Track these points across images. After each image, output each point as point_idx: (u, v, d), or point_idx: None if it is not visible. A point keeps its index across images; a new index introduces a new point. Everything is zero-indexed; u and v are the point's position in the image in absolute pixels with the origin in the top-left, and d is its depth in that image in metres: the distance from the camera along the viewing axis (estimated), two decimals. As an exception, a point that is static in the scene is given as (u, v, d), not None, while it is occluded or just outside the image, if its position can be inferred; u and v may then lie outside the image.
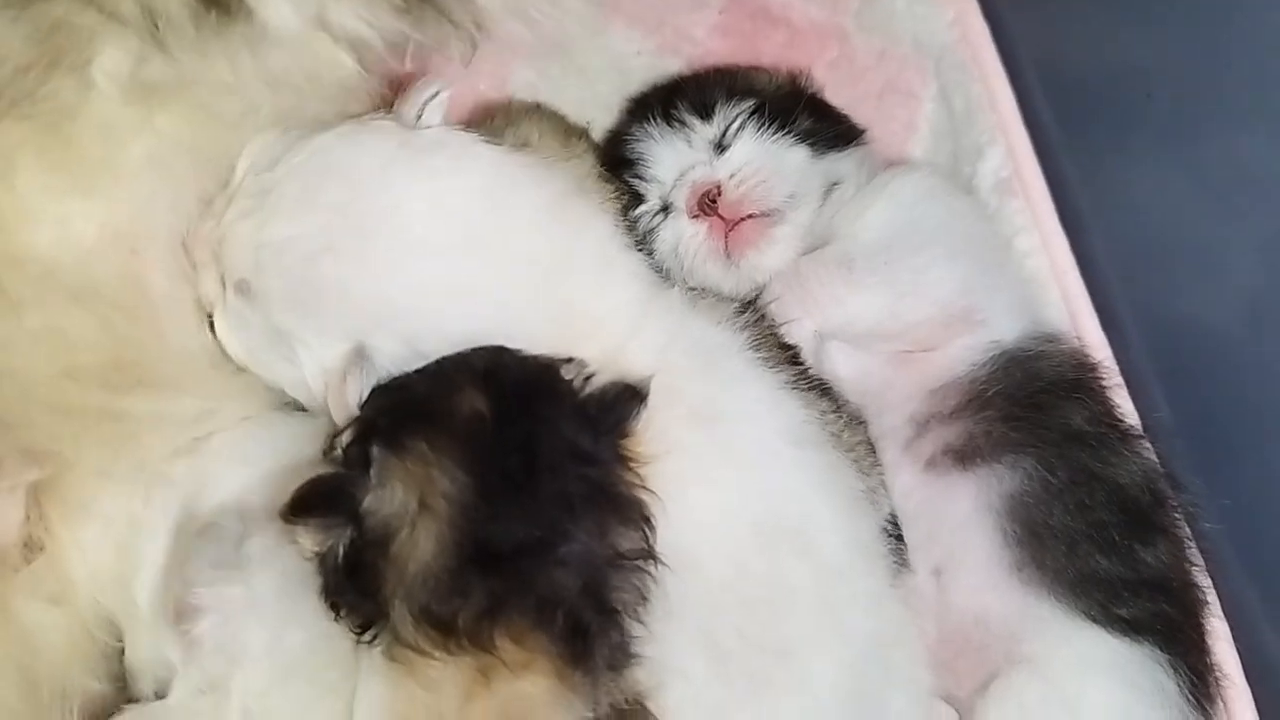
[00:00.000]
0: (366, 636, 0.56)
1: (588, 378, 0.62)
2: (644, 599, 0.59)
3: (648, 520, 0.60)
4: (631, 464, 0.61)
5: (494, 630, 0.53)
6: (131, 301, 0.64)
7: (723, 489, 0.63)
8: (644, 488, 0.60)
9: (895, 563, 0.70)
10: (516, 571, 0.55)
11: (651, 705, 0.58)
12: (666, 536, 0.60)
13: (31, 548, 0.60)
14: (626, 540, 0.59)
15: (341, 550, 0.55)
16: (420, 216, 0.64)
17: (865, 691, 0.64)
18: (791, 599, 0.63)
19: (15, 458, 0.58)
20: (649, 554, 0.59)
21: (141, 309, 0.64)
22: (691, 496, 0.62)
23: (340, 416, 0.62)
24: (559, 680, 0.55)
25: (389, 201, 0.64)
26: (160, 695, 0.61)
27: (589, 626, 0.56)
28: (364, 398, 0.61)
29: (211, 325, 0.67)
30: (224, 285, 0.66)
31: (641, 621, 0.59)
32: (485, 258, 0.64)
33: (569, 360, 0.63)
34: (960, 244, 0.76)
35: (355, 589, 0.55)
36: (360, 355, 0.62)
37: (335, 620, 0.56)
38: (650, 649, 0.59)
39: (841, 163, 0.79)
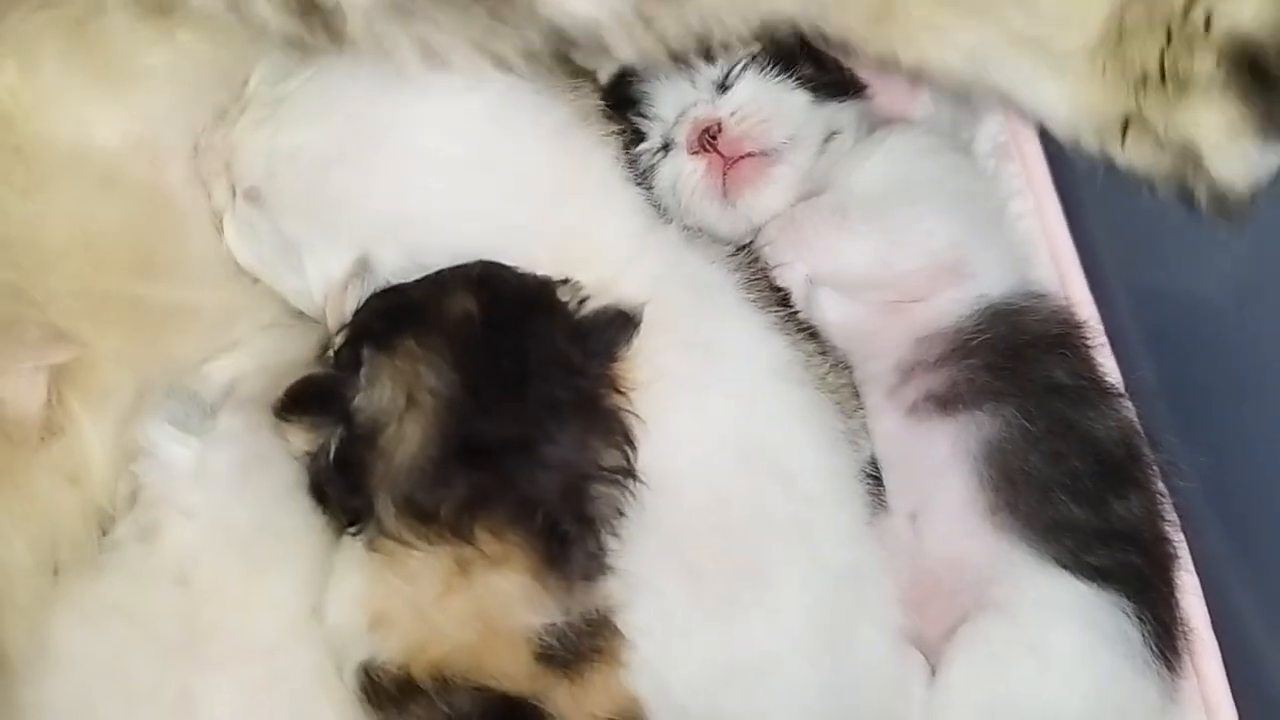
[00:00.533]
0: (352, 530, 0.57)
1: (582, 300, 0.63)
2: (620, 514, 0.60)
3: (629, 439, 0.61)
4: (619, 386, 0.62)
5: (474, 522, 0.55)
6: (154, 207, 0.65)
7: (707, 415, 0.65)
8: (629, 410, 0.62)
9: (874, 505, 0.71)
10: (500, 468, 0.56)
11: (620, 620, 0.60)
12: (649, 458, 0.61)
13: (51, 429, 0.61)
14: (607, 456, 0.60)
15: (332, 448, 0.57)
16: (430, 132, 0.65)
17: (836, 622, 0.65)
18: (767, 525, 0.64)
19: (38, 334, 0.59)
20: (629, 472, 0.60)
21: (164, 214, 0.65)
22: (676, 421, 0.63)
23: (336, 324, 0.63)
24: (534, 579, 0.56)
25: (400, 115, 0.65)
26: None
27: (566, 531, 0.57)
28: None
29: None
30: (234, 193, 0.67)
31: (617, 535, 0.60)
32: (490, 177, 0.66)
33: (565, 281, 0.64)
34: (954, 199, 0.77)
35: (343, 484, 0.57)
36: (363, 265, 0.63)
37: (322, 513, 0.58)
38: (624, 563, 0.60)
39: (842, 113, 0.80)
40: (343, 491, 0.57)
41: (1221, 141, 0.60)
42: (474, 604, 0.56)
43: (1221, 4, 0.58)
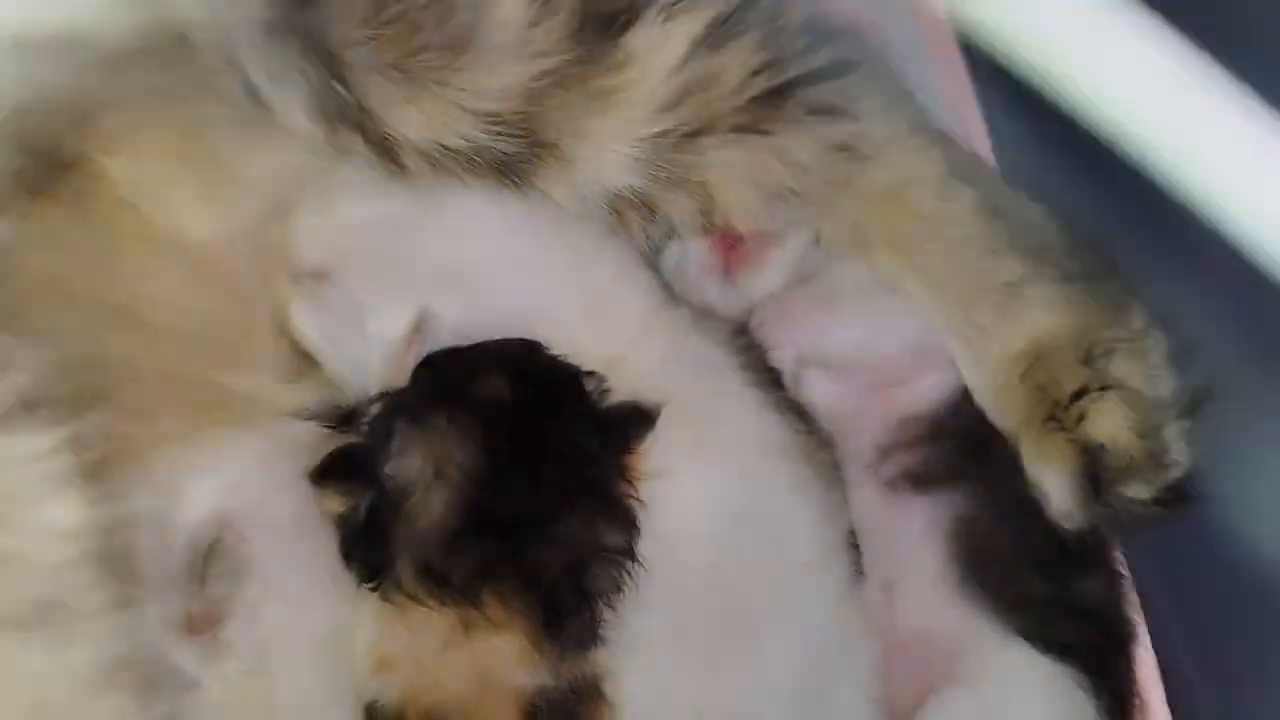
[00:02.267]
0: (370, 584, 0.62)
1: (604, 391, 0.69)
2: (618, 589, 0.66)
3: (633, 524, 0.67)
4: (629, 476, 0.68)
5: (483, 589, 0.60)
6: (236, 302, 0.70)
7: (707, 485, 0.70)
8: (636, 497, 0.68)
9: (851, 573, 0.76)
10: (511, 541, 0.61)
11: (609, 686, 0.65)
12: (650, 524, 0.67)
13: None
14: (612, 538, 0.66)
15: (363, 510, 0.62)
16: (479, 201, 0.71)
17: (818, 683, 0.71)
18: (758, 589, 0.70)
19: (120, 411, 0.62)
20: (630, 553, 0.66)
21: (244, 310, 0.70)
22: (678, 489, 0.69)
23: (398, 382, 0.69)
24: (530, 644, 0.61)
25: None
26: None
27: (565, 603, 0.63)
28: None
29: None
30: (300, 278, 0.72)
31: (613, 608, 0.66)
32: (538, 235, 0.72)
33: (591, 373, 0.70)
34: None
35: (368, 544, 0.62)
36: (423, 322, 0.69)
37: (347, 569, 0.63)
38: (617, 633, 0.66)
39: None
40: (367, 550, 0.62)
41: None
42: (472, 660, 0.61)
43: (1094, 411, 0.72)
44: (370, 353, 0.70)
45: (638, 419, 0.68)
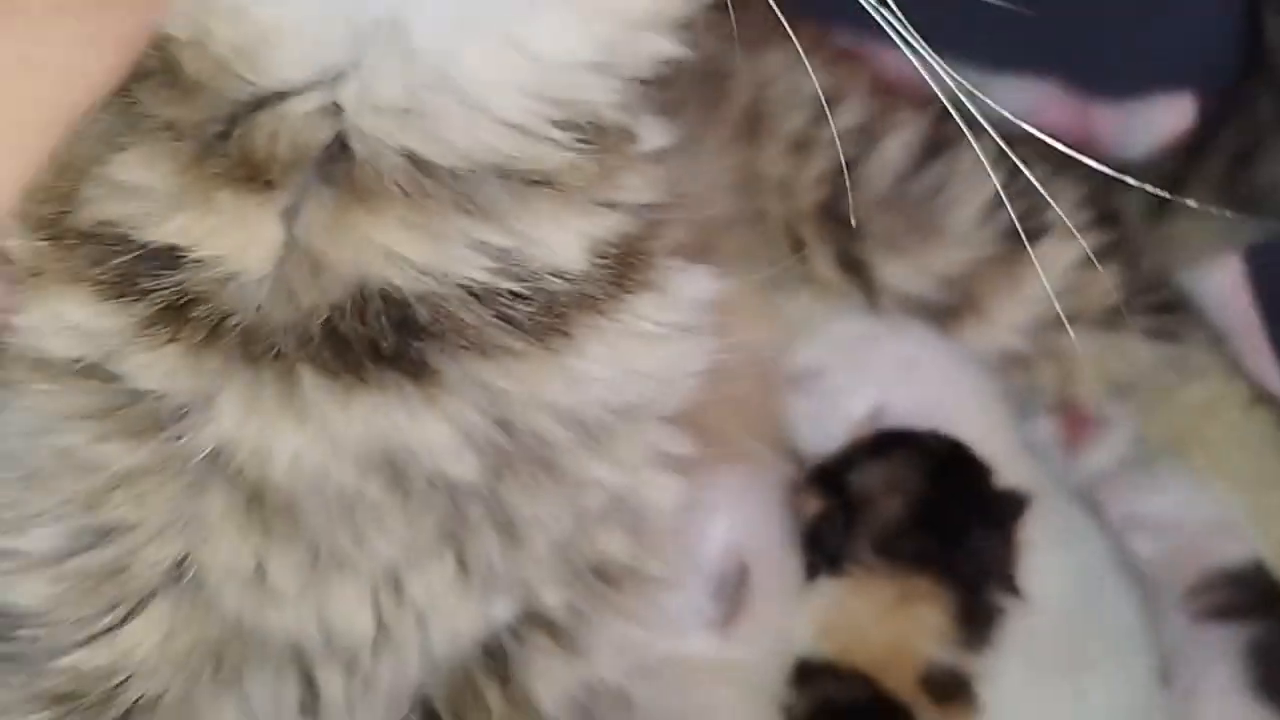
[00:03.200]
0: (832, 563, 0.89)
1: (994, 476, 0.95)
2: (1004, 612, 0.90)
3: (1016, 566, 0.92)
4: (1013, 535, 0.93)
5: (925, 569, 0.86)
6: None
7: (1061, 559, 0.95)
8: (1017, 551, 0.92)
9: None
10: (946, 542, 0.87)
11: (979, 688, 0.88)
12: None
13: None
14: (1004, 570, 0.91)
15: (834, 509, 0.90)
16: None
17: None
18: (1094, 641, 0.93)
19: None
20: (1014, 587, 0.91)
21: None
22: (1041, 556, 0.93)
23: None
24: (949, 623, 0.86)
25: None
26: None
27: (979, 599, 0.88)
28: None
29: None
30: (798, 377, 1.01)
31: (998, 625, 0.90)
32: (960, 366, 1.02)
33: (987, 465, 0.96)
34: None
35: (836, 532, 0.89)
36: (878, 410, 0.97)
37: (815, 553, 0.90)
38: (994, 649, 0.90)
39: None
40: (835, 536, 0.89)
41: None
42: (898, 627, 0.85)
43: None
44: (840, 426, 0.98)
45: (1020, 499, 0.93)
